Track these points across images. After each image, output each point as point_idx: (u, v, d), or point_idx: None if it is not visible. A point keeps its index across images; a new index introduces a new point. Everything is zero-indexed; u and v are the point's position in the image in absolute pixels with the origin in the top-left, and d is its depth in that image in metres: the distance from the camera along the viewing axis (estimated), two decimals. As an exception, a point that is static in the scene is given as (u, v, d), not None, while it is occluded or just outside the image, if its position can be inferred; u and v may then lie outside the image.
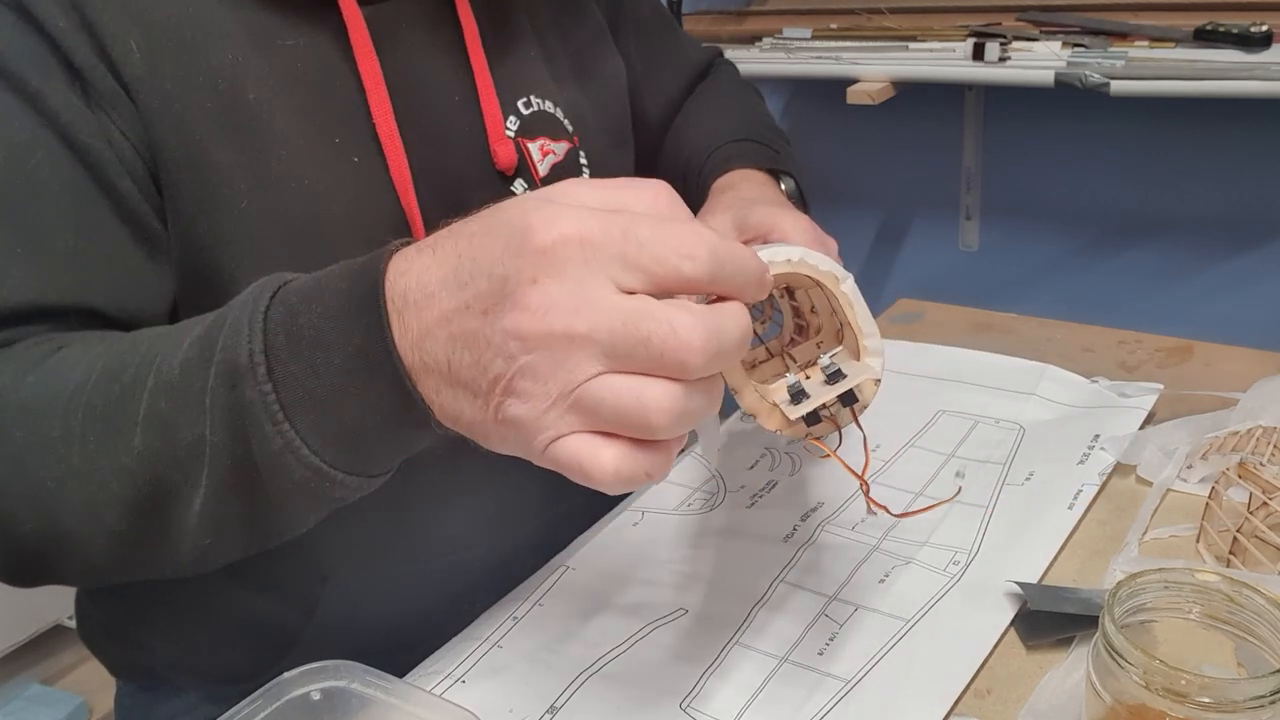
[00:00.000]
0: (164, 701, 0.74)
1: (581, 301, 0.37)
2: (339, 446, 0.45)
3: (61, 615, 1.67)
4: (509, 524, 0.73)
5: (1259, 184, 1.56)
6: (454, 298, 0.40)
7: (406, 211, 0.62)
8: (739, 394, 0.48)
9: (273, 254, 0.58)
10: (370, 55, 0.61)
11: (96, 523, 0.49)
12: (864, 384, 0.49)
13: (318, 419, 0.44)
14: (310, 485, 0.45)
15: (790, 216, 0.65)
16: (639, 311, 0.37)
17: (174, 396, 0.46)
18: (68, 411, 0.49)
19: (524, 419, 0.39)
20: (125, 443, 0.48)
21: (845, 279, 0.49)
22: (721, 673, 0.58)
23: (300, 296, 0.44)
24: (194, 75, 0.57)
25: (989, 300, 1.41)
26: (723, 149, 0.81)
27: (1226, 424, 0.70)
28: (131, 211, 0.57)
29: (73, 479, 0.49)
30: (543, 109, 0.70)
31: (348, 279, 0.44)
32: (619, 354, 0.37)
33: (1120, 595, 0.47)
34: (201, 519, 0.48)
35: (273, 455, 0.44)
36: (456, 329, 0.40)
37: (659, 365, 0.37)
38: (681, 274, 0.38)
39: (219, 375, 0.45)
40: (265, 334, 0.44)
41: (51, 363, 0.52)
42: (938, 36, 1.54)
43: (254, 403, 0.44)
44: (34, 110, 0.55)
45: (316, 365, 0.43)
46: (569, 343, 0.37)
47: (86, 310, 0.56)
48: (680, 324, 0.37)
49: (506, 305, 0.38)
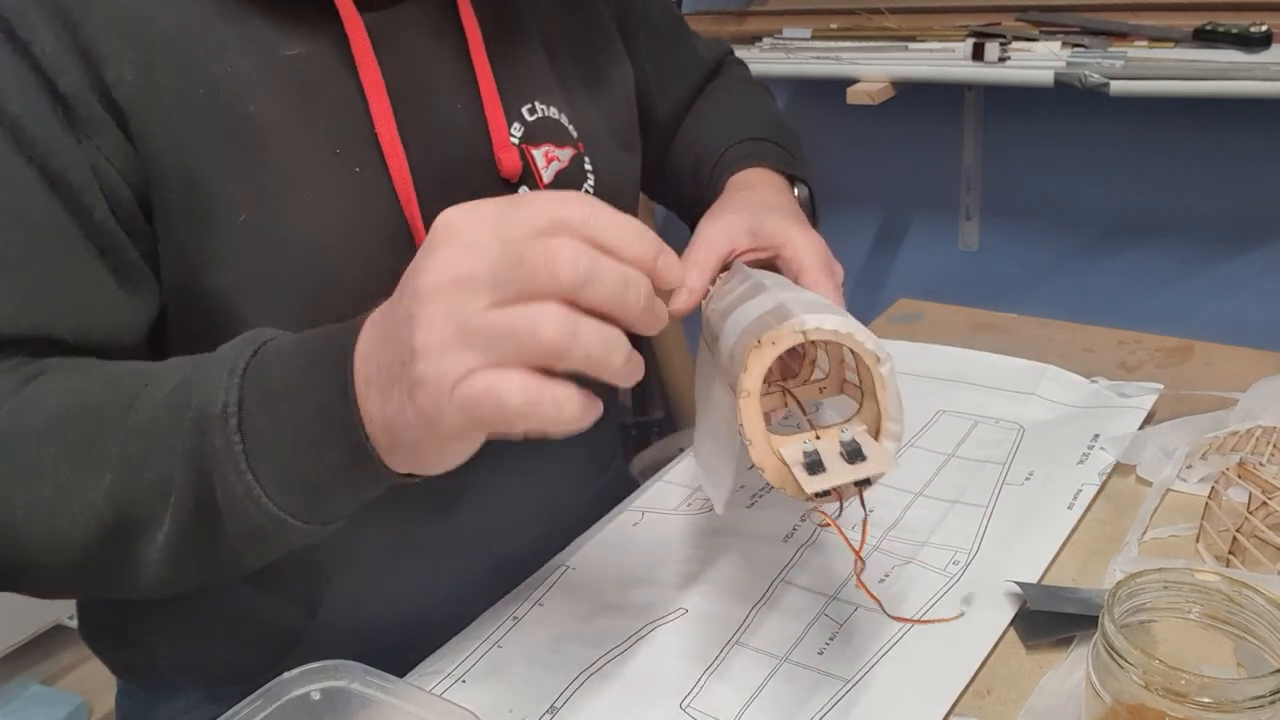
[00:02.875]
0: (165, 701, 0.74)
1: (465, 253, 0.42)
2: (296, 495, 0.48)
3: (62, 615, 1.67)
4: (510, 525, 0.72)
5: (1258, 184, 1.56)
6: (377, 337, 0.46)
7: (409, 221, 0.61)
8: (752, 445, 0.48)
9: (270, 268, 0.58)
10: (371, 64, 0.60)
11: (59, 551, 0.51)
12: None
13: (278, 469, 0.47)
14: (266, 530, 0.48)
15: (803, 234, 0.64)
16: (518, 243, 0.42)
17: (147, 440, 0.49)
18: (41, 444, 0.51)
19: (429, 375, 0.42)
20: (96, 480, 0.50)
21: (885, 361, 0.48)
22: (721, 673, 0.58)
23: (278, 355, 0.48)
24: (193, 89, 0.57)
25: (989, 300, 1.40)
26: (740, 145, 0.80)
27: (1226, 424, 0.70)
28: (107, 241, 0.57)
29: (41, 509, 0.51)
30: (547, 115, 0.69)
31: (323, 340, 0.48)
32: (500, 283, 0.41)
33: (1120, 595, 0.47)
34: (163, 554, 0.50)
35: (234, 501, 0.47)
36: (381, 350, 0.45)
37: (537, 285, 0.41)
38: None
39: (192, 422, 0.48)
40: (241, 388, 0.47)
41: (27, 392, 0.53)
42: (937, 36, 1.54)
43: (220, 450, 0.47)
44: (10, 138, 0.54)
45: (281, 419, 0.47)
46: (455, 284, 0.42)
47: (48, 340, 0.56)
48: (554, 244, 0.41)
49: (407, 291, 0.44)
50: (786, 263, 0.66)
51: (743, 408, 0.47)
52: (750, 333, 0.49)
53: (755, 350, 0.47)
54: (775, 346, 0.47)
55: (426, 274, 0.43)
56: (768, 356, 0.47)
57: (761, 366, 0.47)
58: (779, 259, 0.66)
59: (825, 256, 0.64)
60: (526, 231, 0.42)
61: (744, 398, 0.47)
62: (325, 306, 0.59)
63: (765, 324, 0.48)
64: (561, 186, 0.69)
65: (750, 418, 0.47)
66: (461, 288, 0.42)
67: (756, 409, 0.47)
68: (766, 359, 0.47)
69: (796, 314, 0.48)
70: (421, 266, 0.43)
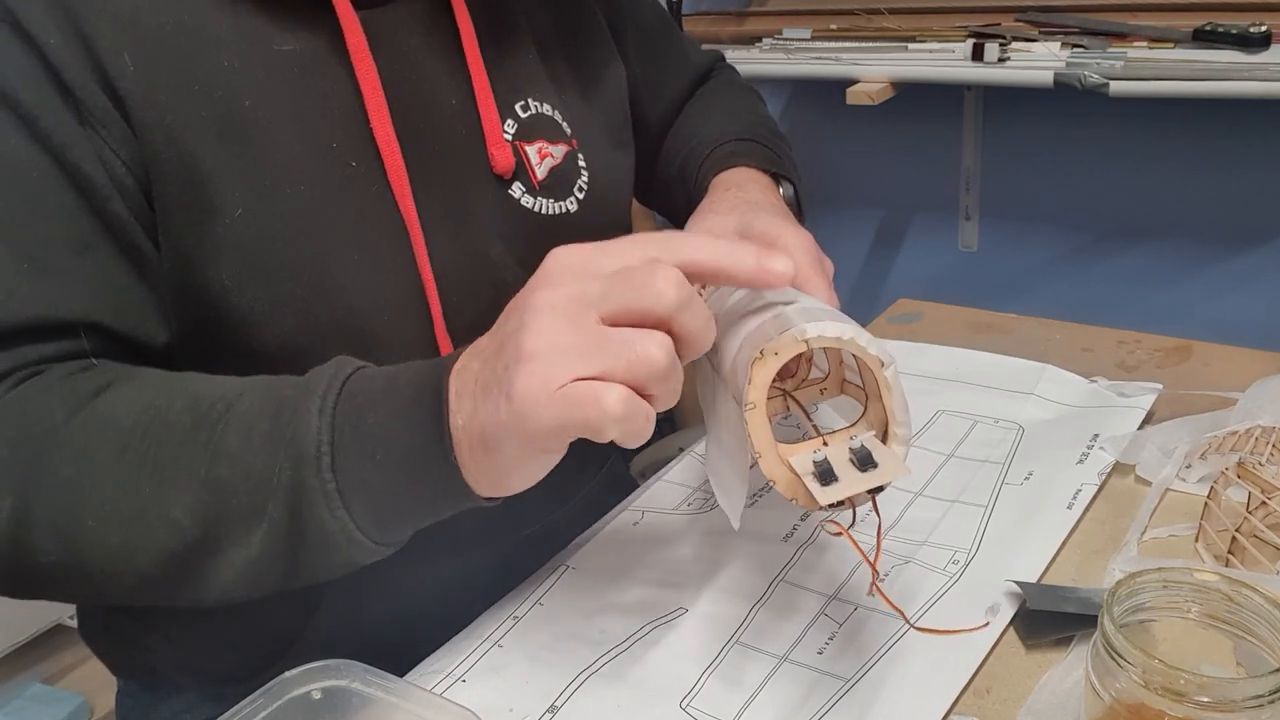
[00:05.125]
0: (165, 700, 0.74)
1: (578, 276, 0.46)
2: (386, 527, 0.52)
3: (63, 614, 1.67)
4: (510, 526, 0.73)
5: (1258, 184, 1.56)
6: (478, 361, 0.49)
7: (404, 216, 0.62)
8: (761, 457, 0.47)
9: (267, 262, 0.59)
10: (367, 59, 0.60)
11: (127, 564, 0.52)
12: None
13: (370, 506, 0.50)
14: (352, 558, 0.52)
15: (793, 232, 0.65)
16: (628, 266, 0.46)
17: (241, 467, 0.51)
18: (118, 458, 0.52)
19: (535, 374, 0.44)
20: (178, 496, 0.51)
21: (889, 364, 0.48)
22: (721, 672, 0.58)
23: (368, 397, 0.51)
24: (189, 84, 0.57)
25: (988, 300, 1.41)
26: (726, 145, 0.80)
27: (1225, 424, 0.70)
28: (122, 232, 0.57)
29: (116, 522, 0.51)
30: (540, 112, 0.69)
31: (414, 382, 0.50)
32: (611, 299, 0.45)
33: (1119, 595, 0.47)
34: (239, 573, 0.52)
35: (326, 535, 0.50)
36: (484, 366, 0.48)
37: (646, 304, 0.45)
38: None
39: (289, 459, 0.50)
40: (333, 427, 0.50)
41: (99, 403, 0.54)
42: (937, 37, 1.54)
43: (315, 489, 0.50)
44: (28, 129, 0.55)
45: (376, 461, 0.50)
46: (569, 300, 0.45)
47: (94, 326, 0.56)
48: (660, 268, 0.45)
49: (516, 311, 0.47)
50: None
51: (749, 420, 0.47)
52: (751, 343, 0.49)
53: (758, 361, 0.47)
54: (778, 357, 0.47)
55: (540, 292, 0.46)
56: (771, 367, 0.47)
57: (765, 378, 0.47)
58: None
59: (815, 253, 0.64)
60: (635, 260, 0.46)
61: (749, 410, 0.47)
62: (321, 301, 0.60)
63: (765, 333, 0.48)
64: (555, 184, 0.69)
65: (757, 429, 0.47)
66: (575, 303, 0.45)
67: (763, 420, 0.47)
68: (770, 370, 0.47)
69: (797, 322, 0.47)
70: (534, 287, 0.47)
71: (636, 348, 0.44)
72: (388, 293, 0.62)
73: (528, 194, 0.68)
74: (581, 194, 0.70)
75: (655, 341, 0.44)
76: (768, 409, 0.48)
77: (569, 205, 0.70)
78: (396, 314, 0.62)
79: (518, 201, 0.67)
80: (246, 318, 0.59)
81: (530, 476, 0.49)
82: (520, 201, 0.67)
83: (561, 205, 0.69)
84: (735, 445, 0.52)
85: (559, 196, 0.69)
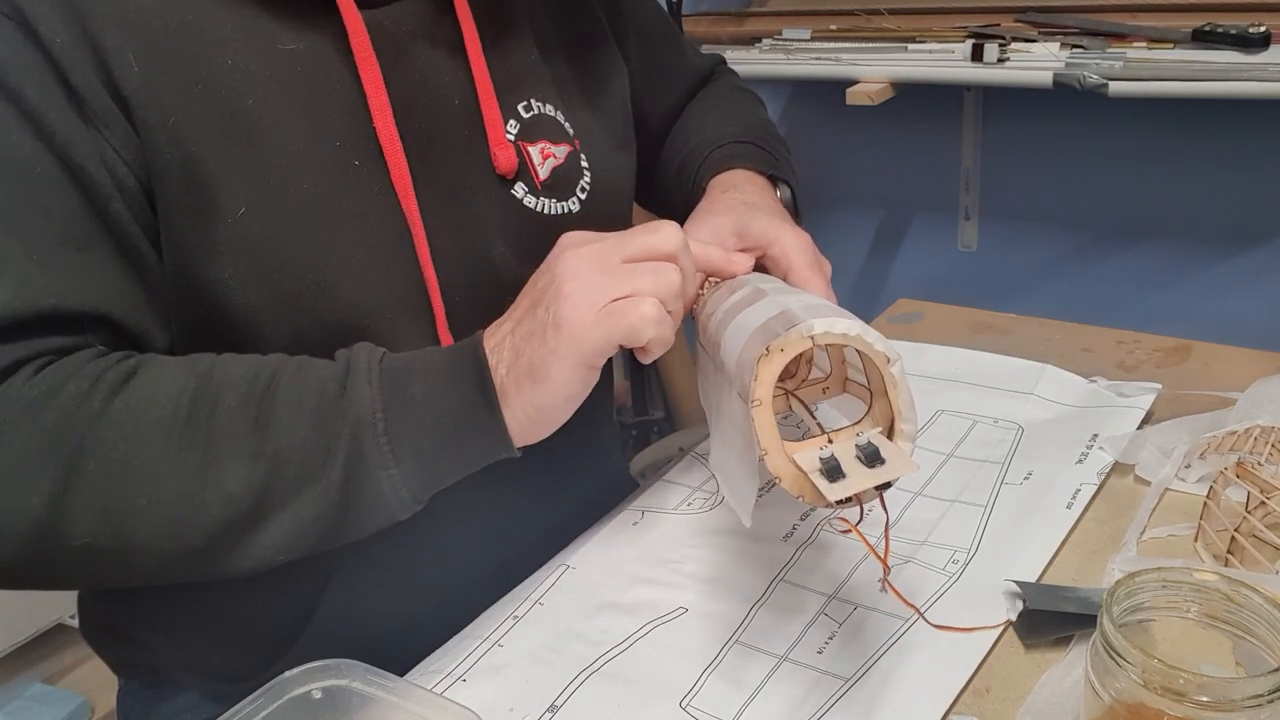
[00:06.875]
0: (166, 700, 0.74)
1: (594, 240, 0.58)
2: (427, 485, 0.58)
3: (63, 614, 1.67)
4: (510, 525, 0.73)
5: (1257, 184, 1.56)
6: (509, 322, 0.58)
7: (407, 215, 0.62)
8: (768, 453, 0.47)
9: (270, 260, 0.59)
10: (370, 60, 0.61)
11: (178, 540, 0.55)
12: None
13: (419, 466, 0.56)
14: (392, 516, 0.57)
15: (791, 233, 0.65)
16: (632, 228, 0.58)
17: (294, 437, 0.55)
18: (163, 438, 0.54)
19: (580, 304, 0.54)
20: (236, 470, 0.54)
21: (895, 361, 0.48)
22: (721, 672, 0.58)
23: (407, 372, 0.57)
24: (193, 83, 0.57)
25: (988, 300, 1.41)
26: (724, 148, 0.80)
27: (1224, 424, 0.70)
28: (122, 233, 0.57)
29: (168, 499, 0.53)
30: (543, 112, 0.69)
31: (448, 356, 0.58)
32: (628, 249, 0.56)
33: (1119, 594, 0.47)
34: (282, 537, 0.56)
35: (379, 495, 0.56)
36: (519, 323, 0.58)
37: (655, 247, 0.57)
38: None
39: (347, 424, 0.55)
40: (385, 398, 0.56)
41: (134, 386, 0.55)
42: (936, 37, 1.54)
43: (372, 452, 0.55)
44: (33, 126, 0.55)
45: (425, 425, 0.56)
46: (592, 254, 0.56)
47: (103, 319, 0.57)
48: (662, 224, 0.58)
49: (542, 279, 0.58)
50: (774, 261, 0.67)
51: (755, 417, 0.47)
52: (757, 340, 0.49)
53: (764, 358, 0.47)
54: (784, 354, 0.47)
55: (566, 253, 0.57)
56: (777, 364, 0.47)
57: (772, 375, 0.47)
58: (766, 258, 0.67)
59: (813, 253, 0.64)
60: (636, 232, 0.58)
61: (756, 406, 0.47)
62: (324, 300, 0.60)
63: (771, 330, 0.48)
64: (557, 184, 0.69)
65: (764, 426, 0.47)
66: (599, 252, 0.56)
67: (770, 418, 0.47)
68: (776, 367, 0.47)
69: (803, 319, 0.47)
70: (557, 254, 0.57)
71: (658, 271, 0.56)
72: (390, 292, 0.62)
73: (530, 194, 0.68)
74: (584, 194, 0.70)
75: (670, 267, 0.56)
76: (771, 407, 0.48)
77: (571, 205, 0.70)
78: (398, 313, 0.62)
79: (520, 201, 0.67)
80: (249, 316, 0.59)
81: (571, 403, 0.56)
82: (523, 201, 0.68)
83: (564, 205, 0.69)
84: (742, 443, 0.52)
85: (561, 197, 0.69)
